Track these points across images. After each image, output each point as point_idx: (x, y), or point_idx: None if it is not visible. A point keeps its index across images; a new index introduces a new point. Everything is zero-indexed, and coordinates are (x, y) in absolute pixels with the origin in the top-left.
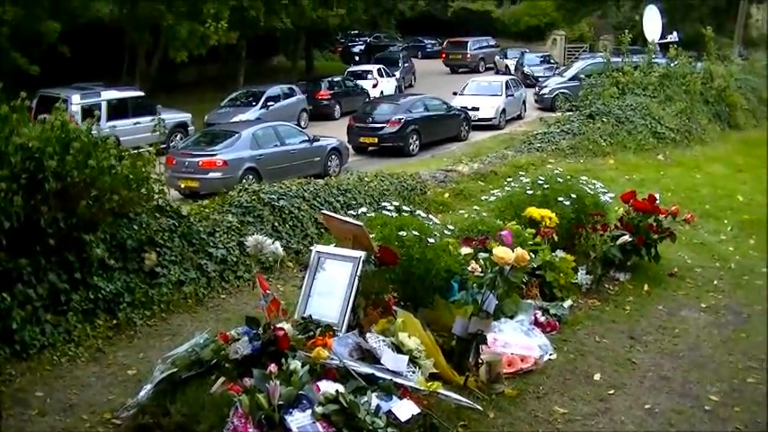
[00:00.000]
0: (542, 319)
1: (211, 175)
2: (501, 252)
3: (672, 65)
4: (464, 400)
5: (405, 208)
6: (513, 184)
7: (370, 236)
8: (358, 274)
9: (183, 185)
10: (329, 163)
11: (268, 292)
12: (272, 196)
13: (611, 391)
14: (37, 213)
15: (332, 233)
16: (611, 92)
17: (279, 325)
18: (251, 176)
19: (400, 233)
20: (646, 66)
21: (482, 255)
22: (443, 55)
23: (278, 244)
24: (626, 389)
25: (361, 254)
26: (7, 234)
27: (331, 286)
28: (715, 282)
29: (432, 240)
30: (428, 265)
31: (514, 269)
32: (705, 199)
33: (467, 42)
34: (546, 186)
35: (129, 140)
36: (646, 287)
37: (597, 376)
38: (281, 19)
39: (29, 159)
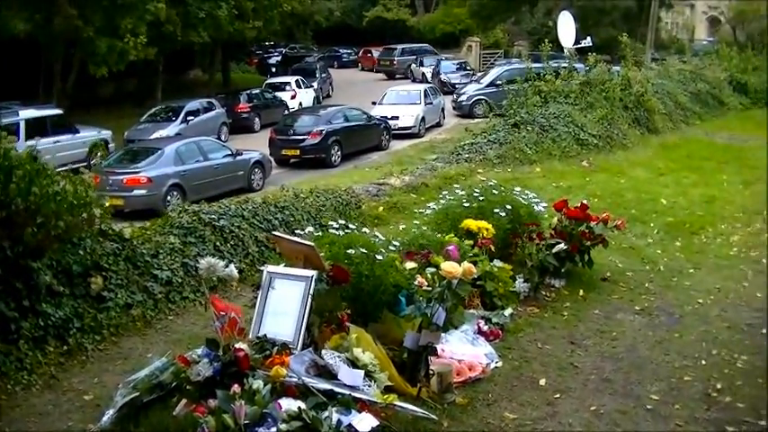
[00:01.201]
0: (485, 328)
1: (136, 192)
2: (449, 267)
3: (591, 72)
4: (419, 410)
5: (351, 226)
6: (448, 196)
7: (320, 254)
8: (311, 292)
9: (107, 204)
10: (253, 176)
11: (223, 313)
12: (213, 216)
13: (557, 395)
14: None
15: (282, 253)
16: (534, 101)
17: (237, 345)
18: (175, 193)
19: (348, 251)
20: (566, 74)
21: (429, 270)
22: (374, 62)
23: (232, 266)
24: (571, 392)
25: (312, 273)
26: None
27: (284, 305)
28: (646, 284)
29: (379, 257)
30: (377, 282)
31: (461, 282)
32: (630, 203)
33: (394, 50)
34: (482, 198)
35: (49, 160)
36: (581, 292)
37: (543, 381)
38: (198, 33)
39: None
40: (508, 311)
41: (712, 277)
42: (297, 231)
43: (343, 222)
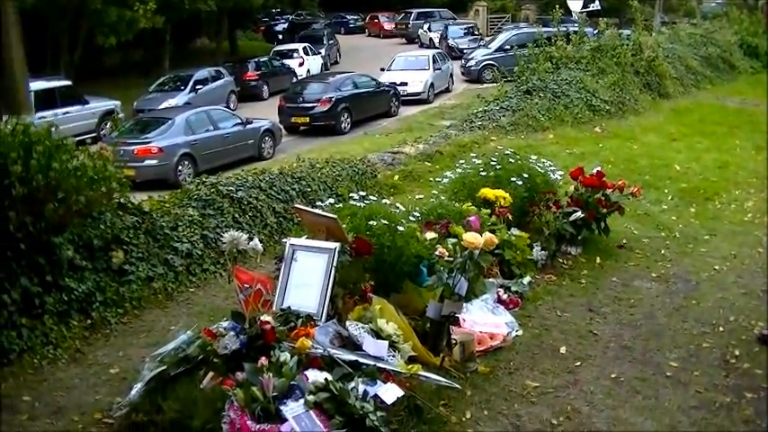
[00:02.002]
0: (505, 296)
1: (147, 162)
2: (471, 237)
3: (602, 37)
4: (443, 380)
5: (371, 197)
6: (464, 165)
7: (342, 227)
8: (334, 264)
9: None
10: (263, 145)
11: (247, 285)
12: (230, 188)
13: (578, 363)
14: (5, 219)
15: (305, 226)
16: (545, 67)
17: (262, 318)
18: (186, 162)
19: (370, 222)
20: (577, 39)
21: (451, 240)
22: (381, 27)
23: (257, 240)
24: (591, 360)
25: (335, 245)
26: None
27: (307, 277)
28: (662, 251)
29: (400, 228)
30: (398, 252)
31: (482, 252)
32: (644, 169)
33: (410, 14)
34: (498, 167)
35: (59, 131)
36: (598, 260)
37: (563, 349)
38: (205, 1)
39: None
40: (527, 280)
41: (727, 243)
42: (317, 203)
43: (363, 194)
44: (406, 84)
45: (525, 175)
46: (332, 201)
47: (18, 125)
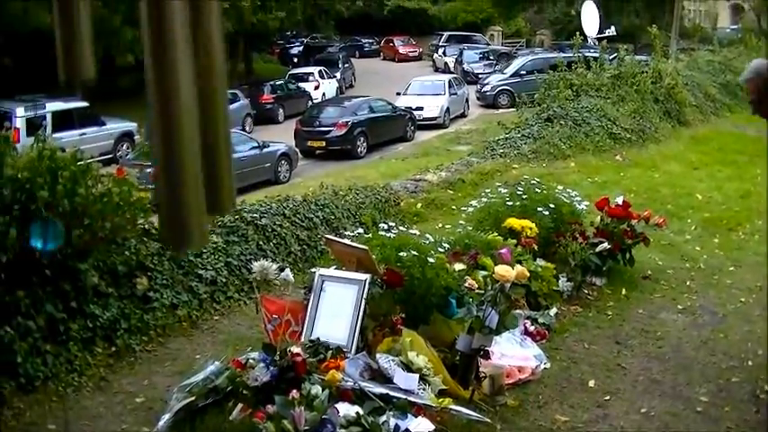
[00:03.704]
0: (531, 328)
1: None
2: (503, 270)
3: (623, 64)
4: (474, 414)
5: (401, 228)
6: (489, 194)
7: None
8: (365, 296)
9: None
10: (279, 168)
11: (275, 316)
12: (255, 215)
13: (607, 397)
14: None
15: (334, 256)
16: (565, 94)
17: (293, 349)
18: None
19: (400, 254)
20: (597, 66)
21: (482, 272)
22: (395, 51)
23: (288, 271)
24: (620, 394)
25: (365, 276)
26: (4, 267)
27: (336, 308)
28: (687, 283)
29: (431, 260)
30: (428, 284)
31: (513, 285)
32: (666, 199)
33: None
34: (525, 197)
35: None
36: (623, 291)
37: (592, 383)
38: (222, 22)
39: (20, 191)
40: (553, 311)
41: (753, 275)
42: (345, 233)
43: (392, 224)
44: (422, 108)
45: (552, 206)
46: (360, 231)
47: (45, 150)
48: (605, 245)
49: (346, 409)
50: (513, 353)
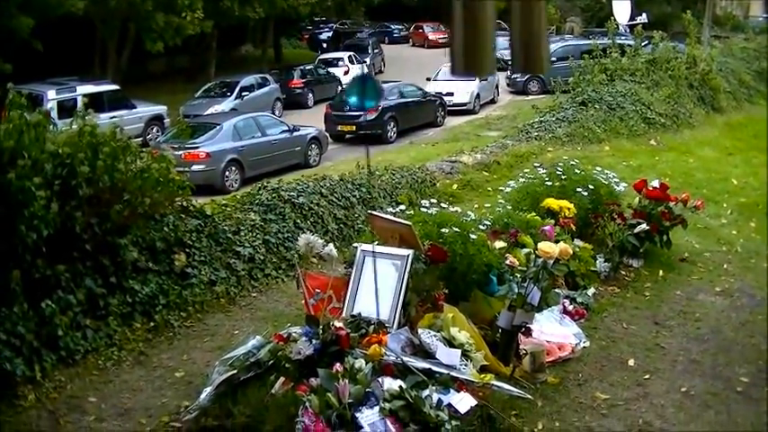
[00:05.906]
0: (570, 307)
1: (195, 167)
2: (546, 247)
3: (656, 50)
4: (515, 390)
5: (443, 204)
6: (528, 174)
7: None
8: (408, 271)
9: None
10: (309, 152)
11: (318, 291)
12: (292, 193)
13: (647, 376)
14: (71, 219)
15: (376, 232)
16: (600, 78)
17: (336, 324)
18: (233, 168)
19: (441, 230)
20: (632, 51)
21: (524, 250)
22: (425, 37)
23: (331, 246)
24: (660, 373)
25: (408, 252)
26: (44, 241)
27: (378, 284)
28: (725, 266)
29: (472, 236)
30: (469, 261)
31: (557, 262)
32: (701, 183)
33: None
34: (564, 177)
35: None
36: (661, 273)
37: (631, 362)
38: (253, 8)
39: (61, 166)
40: (591, 291)
41: None
42: (388, 209)
43: (434, 200)
44: (452, 94)
45: (590, 186)
46: (402, 207)
47: (85, 126)
48: (643, 226)
49: (389, 383)
50: (553, 331)
